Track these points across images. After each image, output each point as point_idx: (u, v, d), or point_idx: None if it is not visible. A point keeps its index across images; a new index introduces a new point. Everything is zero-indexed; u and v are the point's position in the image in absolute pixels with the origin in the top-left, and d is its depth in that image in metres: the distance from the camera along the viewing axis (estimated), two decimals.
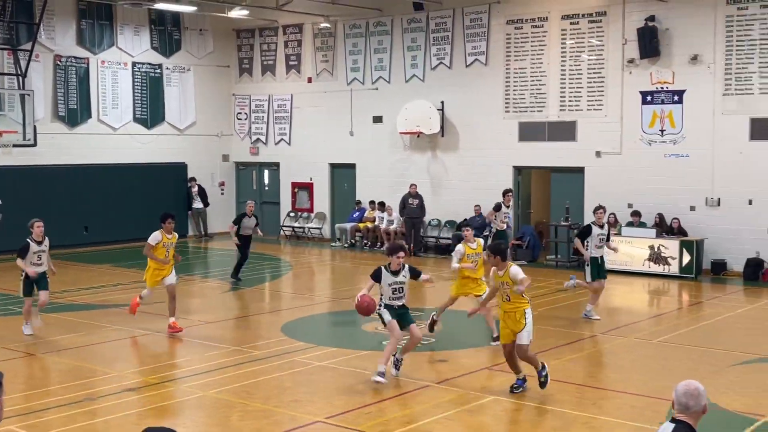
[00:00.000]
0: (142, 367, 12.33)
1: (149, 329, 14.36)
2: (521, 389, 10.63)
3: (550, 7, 23.01)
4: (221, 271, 21.44)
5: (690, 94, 20.99)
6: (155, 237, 14.04)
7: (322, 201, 28.12)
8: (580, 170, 22.76)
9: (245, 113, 29.85)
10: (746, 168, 20.19)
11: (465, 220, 18.36)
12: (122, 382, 11.31)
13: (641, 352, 13.21)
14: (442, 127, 24.75)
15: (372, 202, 26.26)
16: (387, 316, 11.12)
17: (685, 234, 20.65)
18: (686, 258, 20.11)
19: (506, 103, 23.92)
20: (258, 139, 29.56)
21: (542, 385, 10.53)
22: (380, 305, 11.20)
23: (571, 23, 22.71)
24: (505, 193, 20.50)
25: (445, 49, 24.98)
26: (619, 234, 21.03)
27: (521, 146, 23.72)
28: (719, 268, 20.39)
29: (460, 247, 13.50)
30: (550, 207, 23.83)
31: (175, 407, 10.39)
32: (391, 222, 25.50)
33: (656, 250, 20.42)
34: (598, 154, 22.39)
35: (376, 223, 25.83)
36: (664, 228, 20.90)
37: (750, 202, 20.19)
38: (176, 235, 14.52)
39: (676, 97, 21.20)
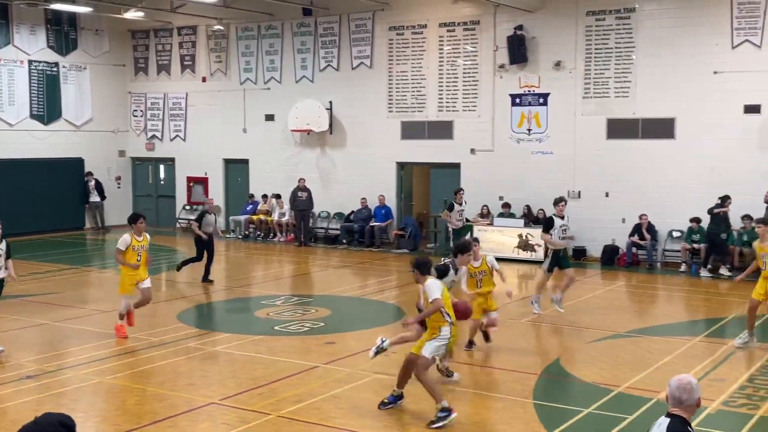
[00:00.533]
0: (39, 355, 11.85)
1: (46, 319, 13.82)
2: (390, 406, 9.25)
3: (429, 15, 23.25)
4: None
5: (554, 97, 21.60)
6: (124, 240, 12.30)
7: (216, 195, 27.64)
8: (456, 166, 23.11)
9: (141, 110, 29.05)
10: (603, 164, 20.94)
11: (474, 238, 15.40)
12: (20, 370, 10.85)
13: (511, 331, 13.52)
14: (330, 125, 24.69)
15: (264, 196, 26.00)
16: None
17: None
18: None
19: (389, 103, 24.07)
20: (154, 136, 28.82)
21: (431, 423, 8.70)
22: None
23: (447, 30, 23.01)
24: (457, 191, 19.96)
25: (332, 52, 24.92)
26: (491, 224, 21.55)
27: (403, 143, 23.92)
28: (580, 254, 21.09)
29: (463, 268, 11.16)
30: (430, 200, 24.13)
31: (73, 393, 10.03)
32: (282, 214, 25.32)
33: (524, 238, 20.96)
34: (472, 151, 22.79)
35: (275, 216, 25.59)
36: (531, 218, 21.46)
37: (607, 195, 20.94)
38: (148, 236, 12.70)
39: (541, 100, 21.78)
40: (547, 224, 14.67)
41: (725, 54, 19.29)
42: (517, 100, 22.13)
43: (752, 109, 19.06)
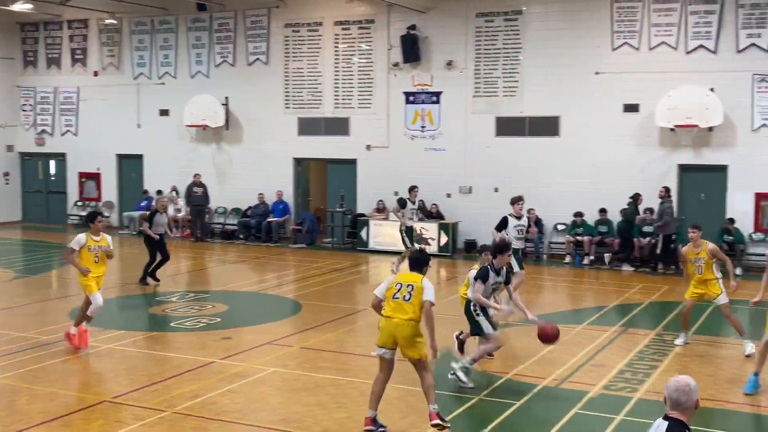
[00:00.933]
0: None
1: None
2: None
3: (324, 14, 23.22)
4: (7, 259, 19.96)
5: (446, 95, 21.94)
6: (78, 240, 11.21)
7: (110, 190, 26.86)
8: (353, 162, 23.18)
9: (30, 105, 27.90)
10: (493, 160, 21.42)
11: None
12: None
13: None
14: (226, 121, 24.34)
15: (159, 192, 25.39)
16: (489, 328, 9.91)
17: (442, 218, 21.62)
18: (444, 239, 21.09)
19: (286, 99, 23.91)
20: (44, 131, 27.73)
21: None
22: (477, 311, 9.94)
23: (343, 29, 23.03)
24: (411, 189, 18.71)
25: (228, 48, 24.56)
26: (387, 219, 21.71)
27: (300, 140, 23.81)
28: (471, 246, 21.51)
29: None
30: (327, 195, 24.11)
31: None
32: (178, 210, 24.79)
33: (418, 232, 21.17)
34: (368, 147, 22.90)
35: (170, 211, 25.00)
36: (425, 213, 21.74)
37: (496, 190, 21.40)
38: (106, 237, 11.61)
39: (434, 98, 22.09)
40: (500, 223, 13.91)
41: (606, 55, 20.03)
42: (411, 98, 22.36)
43: (631, 108, 19.86)
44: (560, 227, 20.86)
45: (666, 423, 4.68)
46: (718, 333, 13.01)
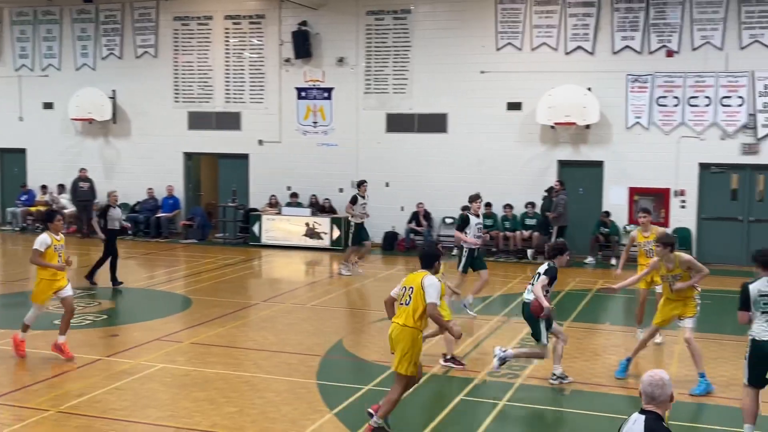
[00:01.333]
0: None
1: None
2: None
3: (215, 7, 22.82)
4: None
5: (337, 91, 21.95)
6: (43, 241, 10.41)
7: None
8: (245, 156, 22.89)
9: None
10: (384, 156, 21.58)
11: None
12: None
13: (297, 315, 13.62)
14: (114, 114, 23.60)
15: (44, 186, 24.39)
16: (545, 338, 9.58)
17: (335, 212, 21.63)
18: (336, 233, 21.11)
19: (176, 93, 23.37)
20: None
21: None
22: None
23: (233, 23, 22.70)
24: (360, 183, 17.83)
25: (115, 40, 23.80)
26: (279, 213, 21.56)
27: (191, 134, 23.34)
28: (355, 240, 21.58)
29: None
30: (218, 190, 23.72)
31: None
32: (62, 207, 23.84)
33: (311, 226, 21.17)
34: (260, 142, 22.67)
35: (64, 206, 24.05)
36: (318, 207, 21.70)
37: (387, 185, 21.60)
38: (62, 236, 10.85)
39: (326, 94, 22.06)
40: (462, 223, 13.39)
41: (490, 55, 20.48)
42: (303, 94, 22.27)
43: (514, 106, 20.38)
44: (448, 221, 21.20)
45: (643, 417, 4.71)
46: (596, 320, 13.51)
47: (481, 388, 9.70)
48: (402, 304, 7.80)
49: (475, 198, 13.46)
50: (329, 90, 22.03)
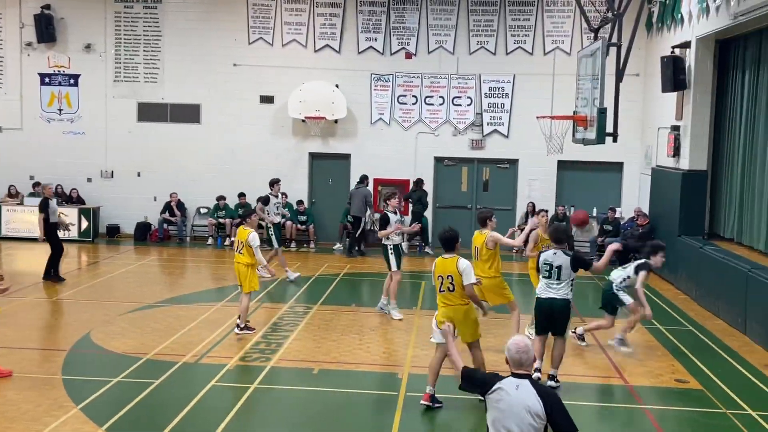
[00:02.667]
0: None
1: None
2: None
3: None
4: None
5: (85, 78, 20.64)
6: None
7: None
8: None
9: None
10: (135, 145, 20.64)
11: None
12: None
13: (42, 309, 12.68)
14: None
15: None
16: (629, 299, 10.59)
17: (83, 202, 20.36)
18: (84, 223, 19.90)
19: None
20: None
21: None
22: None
23: None
24: (273, 183, 15.99)
25: None
26: (21, 204, 19.91)
27: None
28: (114, 231, 20.59)
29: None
30: None
31: None
32: None
33: (61, 218, 19.69)
34: (0, 129, 20.79)
35: None
36: (64, 198, 20.30)
37: (139, 174, 20.71)
38: None
39: (72, 81, 20.66)
40: (383, 222, 12.50)
41: (243, 49, 20.28)
42: (47, 80, 20.70)
43: (267, 99, 20.34)
44: (203, 210, 20.75)
45: (527, 380, 4.70)
46: (344, 302, 13.87)
47: (233, 373, 9.61)
48: (446, 291, 8.42)
49: (391, 195, 12.99)
50: (76, 77, 20.64)
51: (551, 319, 9.12)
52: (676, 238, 15.78)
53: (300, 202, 20.06)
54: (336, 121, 20.12)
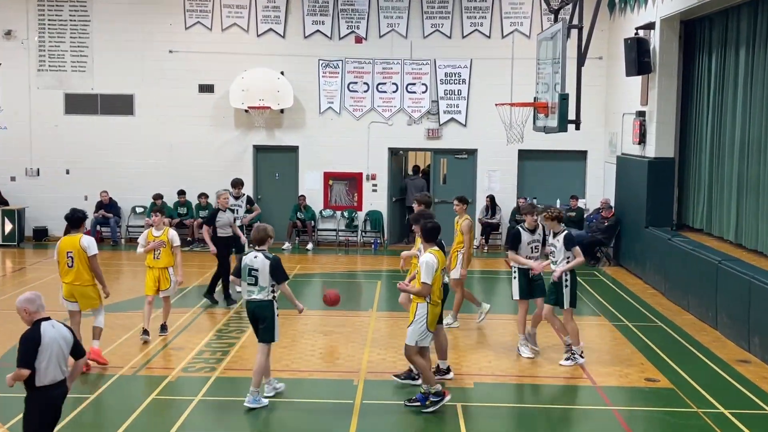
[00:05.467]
0: None
1: None
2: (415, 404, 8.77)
3: None
4: None
5: (6, 68, 20.19)
6: None
7: None
8: None
9: None
10: (62, 140, 20.26)
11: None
12: None
13: None
14: None
15: None
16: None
17: (6, 203, 19.94)
18: (9, 226, 19.50)
19: None
20: None
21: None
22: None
23: None
24: (235, 184, 15.30)
25: None
26: None
27: None
28: (41, 234, 20.19)
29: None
30: None
31: None
32: None
33: None
34: None
35: None
36: None
37: (68, 172, 20.34)
38: None
39: None
40: (514, 239, 11.05)
41: (179, 34, 20.03)
42: None
43: (206, 88, 20.13)
44: (138, 210, 20.47)
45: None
46: None
47: (175, 384, 9.50)
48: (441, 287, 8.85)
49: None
50: None
51: None
52: (643, 230, 16.05)
53: (249, 200, 19.90)
54: (282, 111, 20.00)
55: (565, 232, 10.27)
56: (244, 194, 15.39)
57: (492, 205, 19.79)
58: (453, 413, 8.65)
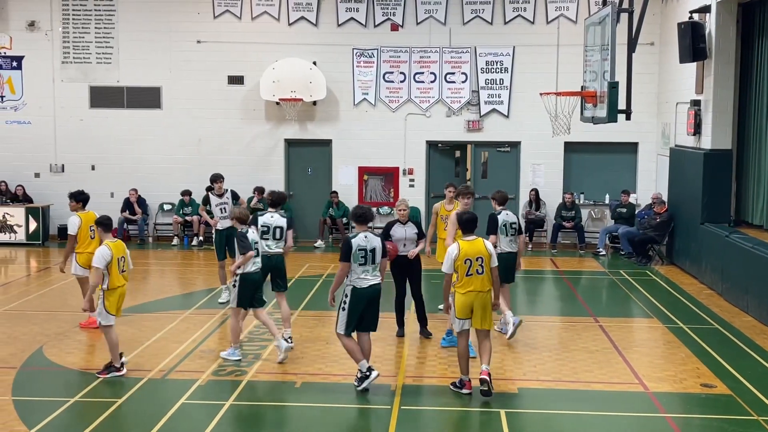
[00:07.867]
0: None
1: None
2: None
3: None
4: None
5: (29, 60, 20.53)
6: None
7: None
8: None
9: None
10: (88, 134, 20.57)
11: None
12: None
13: None
14: None
15: None
16: None
17: (30, 201, 20.28)
18: (33, 225, 19.83)
19: None
20: None
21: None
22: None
23: None
24: (215, 179, 14.20)
25: None
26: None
27: None
28: (66, 232, 20.38)
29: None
30: None
31: None
32: None
33: (2, 218, 19.69)
34: None
35: None
36: (9, 196, 20.21)
37: (93, 168, 20.64)
38: None
39: (15, 63, 20.56)
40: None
41: (208, 23, 20.22)
42: None
43: (236, 80, 20.30)
44: (167, 207, 20.70)
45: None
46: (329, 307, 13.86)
47: (205, 388, 9.60)
48: (471, 274, 9.10)
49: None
50: (19, 59, 20.53)
51: None
52: (698, 226, 15.87)
53: (234, 195, 19.81)
54: (314, 103, 20.10)
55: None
56: (227, 189, 14.28)
57: (536, 199, 19.70)
58: (497, 420, 8.64)
